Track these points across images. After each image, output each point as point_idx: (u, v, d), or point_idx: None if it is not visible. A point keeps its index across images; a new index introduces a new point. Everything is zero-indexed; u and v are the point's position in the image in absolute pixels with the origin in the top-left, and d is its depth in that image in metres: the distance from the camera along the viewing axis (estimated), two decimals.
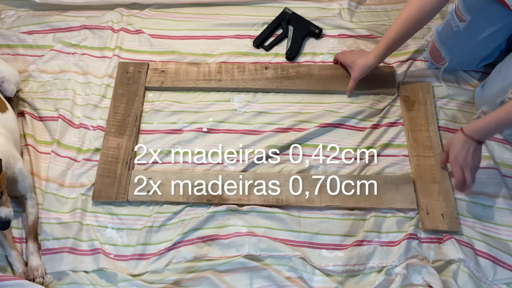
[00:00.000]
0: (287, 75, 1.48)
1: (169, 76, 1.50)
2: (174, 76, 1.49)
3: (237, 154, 1.38)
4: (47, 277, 1.21)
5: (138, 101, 1.45)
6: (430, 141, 1.36)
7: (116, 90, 1.47)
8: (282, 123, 1.42)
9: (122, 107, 1.44)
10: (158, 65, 1.52)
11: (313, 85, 1.47)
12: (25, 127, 1.43)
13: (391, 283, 1.19)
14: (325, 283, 1.20)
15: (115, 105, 1.45)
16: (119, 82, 1.49)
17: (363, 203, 1.29)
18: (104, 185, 1.32)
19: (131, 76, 1.50)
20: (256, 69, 1.50)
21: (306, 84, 1.47)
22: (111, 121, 1.42)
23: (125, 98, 1.46)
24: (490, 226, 1.27)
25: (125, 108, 1.44)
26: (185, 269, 1.23)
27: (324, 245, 1.26)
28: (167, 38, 1.60)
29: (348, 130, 1.41)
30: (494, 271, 1.20)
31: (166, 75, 1.50)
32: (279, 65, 1.51)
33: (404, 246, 1.22)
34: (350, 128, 1.42)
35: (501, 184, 1.31)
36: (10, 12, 1.66)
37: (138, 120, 1.42)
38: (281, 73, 1.49)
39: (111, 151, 1.37)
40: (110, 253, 1.26)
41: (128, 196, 1.31)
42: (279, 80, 1.47)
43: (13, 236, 1.28)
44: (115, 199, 1.30)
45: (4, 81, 1.38)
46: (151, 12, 1.65)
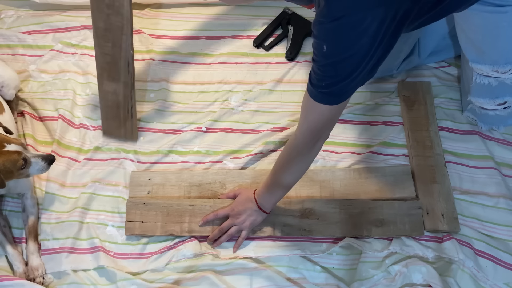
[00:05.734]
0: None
1: None
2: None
3: (236, 153, 1.39)
4: (47, 277, 1.21)
5: (126, 42, 1.28)
6: (430, 141, 1.36)
7: (96, 23, 1.27)
8: (279, 122, 1.43)
9: (108, 46, 1.30)
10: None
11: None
12: (25, 127, 1.43)
13: (391, 282, 1.19)
14: (326, 279, 1.21)
15: (99, 43, 1.30)
16: (96, 9, 1.26)
17: (363, 195, 1.30)
18: (111, 127, 1.37)
19: (111, 3, 1.25)
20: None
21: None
22: (100, 63, 1.32)
23: (110, 35, 1.29)
24: (490, 226, 1.26)
25: (112, 49, 1.29)
26: (185, 268, 1.23)
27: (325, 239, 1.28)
28: (167, 38, 1.60)
29: (344, 124, 1.42)
30: (494, 270, 1.20)
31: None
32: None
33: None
34: (346, 122, 1.42)
35: (501, 184, 1.31)
36: (10, 12, 1.65)
37: (131, 66, 1.31)
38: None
39: (110, 95, 1.34)
40: (110, 251, 1.26)
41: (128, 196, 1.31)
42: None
43: (13, 236, 1.28)
44: (124, 137, 1.37)
45: (4, 86, 1.37)
46: (151, 12, 1.65)
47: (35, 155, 1.16)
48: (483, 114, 1.31)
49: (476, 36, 1.10)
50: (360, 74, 0.86)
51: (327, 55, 0.83)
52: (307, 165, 1.10)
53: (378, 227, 1.25)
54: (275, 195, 1.18)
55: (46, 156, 1.17)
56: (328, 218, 1.27)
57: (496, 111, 1.27)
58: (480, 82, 1.19)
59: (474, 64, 1.16)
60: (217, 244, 1.25)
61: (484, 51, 1.12)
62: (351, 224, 1.26)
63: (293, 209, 1.27)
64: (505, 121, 1.34)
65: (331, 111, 0.94)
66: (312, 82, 0.90)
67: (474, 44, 1.13)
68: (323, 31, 0.82)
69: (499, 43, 1.08)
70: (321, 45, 0.83)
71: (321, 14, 0.80)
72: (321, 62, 0.85)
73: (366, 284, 1.19)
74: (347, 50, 0.82)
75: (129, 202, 1.30)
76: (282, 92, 1.48)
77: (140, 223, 1.27)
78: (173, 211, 1.28)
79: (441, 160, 1.34)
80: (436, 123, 1.40)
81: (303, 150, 1.03)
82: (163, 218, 1.28)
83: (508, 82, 1.15)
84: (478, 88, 1.23)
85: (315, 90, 0.90)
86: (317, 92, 0.90)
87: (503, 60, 1.11)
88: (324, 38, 0.82)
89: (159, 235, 1.27)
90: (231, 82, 1.50)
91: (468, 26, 1.11)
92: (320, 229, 1.26)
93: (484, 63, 1.14)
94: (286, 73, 1.51)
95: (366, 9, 0.77)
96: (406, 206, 1.28)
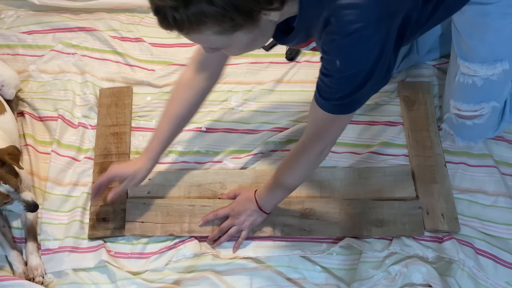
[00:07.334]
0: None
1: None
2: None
3: (236, 153, 1.39)
4: (46, 277, 1.21)
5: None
6: (430, 141, 1.36)
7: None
8: (279, 122, 1.43)
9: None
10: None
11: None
12: (24, 127, 1.43)
13: (391, 282, 1.19)
14: (326, 279, 1.21)
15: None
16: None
17: (363, 195, 1.30)
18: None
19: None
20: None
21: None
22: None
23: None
24: (490, 225, 1.27)
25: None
26: (185, 268, 1.23)
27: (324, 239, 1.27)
28: (168, 46, 1.58)
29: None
30: (495, 270, 1.20)
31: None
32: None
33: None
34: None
35: (500, 183, 1.31)
36: (10, 12, 1.65)
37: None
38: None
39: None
40: (110, 250, 1.26)
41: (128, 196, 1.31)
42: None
43: (13, 236, 1.28)
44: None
45: (4, 85, 1.37)
46: (152, 20, 1.64)
47: (21, 199, 1.14)
48: (459, 124, 1.28)
49: (465, 28, 1.10)
50: (374, 82, 0.86)
51: (340, 69, 0.83)
52: (313, 170, 1.11)
53: (378, 227, 1.25)
54: (276, 197, 1.18)
55: (30, 204, 1.15)
56: (328, 218, 1.27)
57: (474, 119, 1.25)
58: (464, 81, 1.18)
59: (462, 61, 1.15)
60: (217, 244, 1.25)
61: (472, 47, 1.11)
62: (351, 224, 1.26)
63: (293, 209, 1.27)
64: (484, 134, 1.32)
65: (343, 119, 0.94)
66: (323, 95, 0.89)
67: (463, 39, 1.12)
68: (335, 48, 0.81)
69: (487, 36, 1.08)
70: (333, 61, 0.82)
71: (331, 32, 0.80)
72: (335, 77, 0.85)
73: (366, 284, 1.19)
74: (360, 63, 0.82)
75: (129, 202, 1.30)
76: (282, 92, 1.48)
77: (140, 223, 1.27)
78: (173, 211, 1.28)
79: (441, 160, 1.34)
80: (436, 123, 1.40)
81: (311, 156, 1.03)
82: (163, 218, 1.28)
83: (494, 78, 1.14)
84: (460, 89, 1.22)
85: (327, 102, 0.90)
86: (330, 105, 0.90)
87: (492, 57, 1.11)
88: (337, 54, 0.82)
89: (159, 235, 1.27)
90: (231, 82, 1.50)
91: (458, 18, 1.11)
92: (320, 229, 1.25)
93: (473, 61, 1.13)
94: (286, 73, 1.51)
95: (377, 21, 0.77)
96: (406, 206, 1.27)
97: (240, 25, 0.77)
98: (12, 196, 1.12)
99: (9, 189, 1.10)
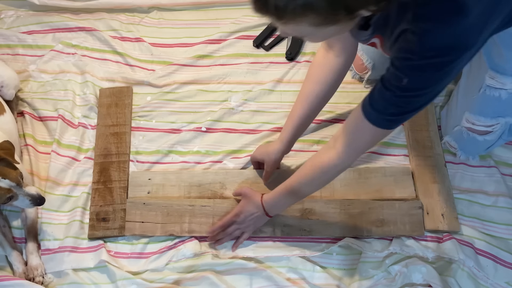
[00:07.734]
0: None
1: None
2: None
3: (236, 153, 1.39)
4: (46, 277, 1.21)
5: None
6: (430, 141, 1.36)
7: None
8: (279, 122, 1.42)
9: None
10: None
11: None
12: (24, 127, 1.43)
13: (391, 282, 1.19)
14: (326, 280, 1.21)
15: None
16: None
17: (363, 195, 1.30)
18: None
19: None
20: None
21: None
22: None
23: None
24: (490, 225, 1.27)
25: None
26: (185, 268, 1.23)
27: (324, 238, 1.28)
28: (168, 46, 1.58)
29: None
30: (495, 270, 1.20)
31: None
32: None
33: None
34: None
35: (500, 183, 1.31)
36: (10, 12, 1.65)
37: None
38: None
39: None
40: (110, 250, 1.26)
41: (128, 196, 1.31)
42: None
43: (13, 236, 1.28)
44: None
45: (3, 86, 1.37)
46: (152, 20, 1.64)
47: (25, 193, 1.13)
48: (469, 139, 1.24)
49: (507, 40, 0.98)
50: (427, 104, 0.85)
51: (405, 88, 0.80)
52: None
53: (378, 227, 1.25)
54: (287, 204, 1.17)
55: (36, 197, 1.15)
56: (328, 218, 1.27)
57: (486, 135, 1.21)
58: (490, 94, 1.10)
59: (493, 72, 1.07)
60: (219, 244, 1.25)
61: (509, 59, 1.03)
62: (351, 224, 1.26)
63: (293, 209, 1.27)
64: (484, 150, 1.30)
65: (384, 133, 0.92)
66: (375, 107, 0.86)
67: (500, 50, 1.02)
68: (409, 67, 0.79)
69: None
70: (400, 77, 0.80)
71: (409, 50, 0.77)
72: (396, 93, 0.82)
73: (366, 284, 1.19)
74: (427, 87, 0.80)
75: (129, 202, 1.30)
76: (282, 92, 1.48)
77: (140, 223, 1.27)
78: (173, 211, 1.28)
79: (441, 160, 1.34)
80: (436, 123, 1.40)
81: (342, 168, 1.02)
82: (163, 218, 1.28)
83: None
84: (482, 102, 1.14)
85: (376, 114, 0.87)
86: (380, 119, 0.87)
87: None
88: (408, 74, 0.79)
89: (159, 235, 1.27)
90: (231, 82, 1.50)
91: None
92: (320, 229, 1.26)
93: (505, 73, 1.05)
94: (286, 73, 1.51)
95: (463, 51, 0.75)
96: (406, 206, 1.28)
97: (338, 20, 0.73)
98: (15, 190, 1.11)
99: (10, 183, 1.10)
